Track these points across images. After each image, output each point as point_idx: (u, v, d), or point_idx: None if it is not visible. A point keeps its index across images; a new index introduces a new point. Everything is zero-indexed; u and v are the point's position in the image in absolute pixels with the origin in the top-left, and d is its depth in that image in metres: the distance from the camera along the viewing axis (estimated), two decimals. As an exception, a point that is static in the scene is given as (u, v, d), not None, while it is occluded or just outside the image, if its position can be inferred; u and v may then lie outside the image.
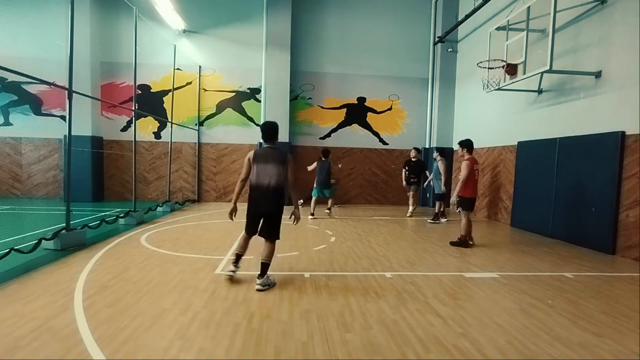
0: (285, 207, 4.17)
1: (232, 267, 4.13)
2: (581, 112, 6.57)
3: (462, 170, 6.03)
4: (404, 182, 9.56)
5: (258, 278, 3.94)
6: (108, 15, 10.81)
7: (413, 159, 9.47)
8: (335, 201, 9.80)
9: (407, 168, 9.48)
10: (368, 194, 11.95)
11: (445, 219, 8.77)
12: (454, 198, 6.11)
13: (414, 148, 9.68)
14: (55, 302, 3.39)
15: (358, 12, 11.60)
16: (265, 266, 3.98)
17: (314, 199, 9.05)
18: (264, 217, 4.04)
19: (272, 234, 4.04)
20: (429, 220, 8.60)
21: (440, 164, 8.50)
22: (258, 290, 3.85)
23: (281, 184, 3.97)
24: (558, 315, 3.40)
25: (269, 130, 4.09)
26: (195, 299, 3.56)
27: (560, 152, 6.95)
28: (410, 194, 9.53)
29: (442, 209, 8.74)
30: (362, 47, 11.68)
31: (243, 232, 4.21)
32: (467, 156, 6.19)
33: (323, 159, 9.22)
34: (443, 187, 8.54)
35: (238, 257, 4.18)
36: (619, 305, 3.68)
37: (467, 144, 6.26)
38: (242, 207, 4.18)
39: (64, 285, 3.84)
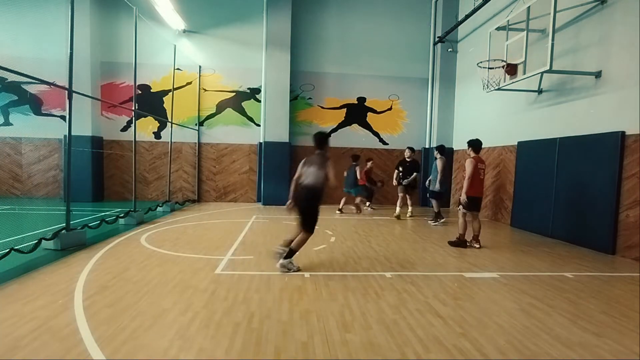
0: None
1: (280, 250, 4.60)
2: (581, 112, 6.57)
3: (466, 168, 6.04)
4: (395, 182, 9.31)
5: (280, 259, 4.54)
6: (108, 15, 10.82)
7: (408, 159, 9.17)
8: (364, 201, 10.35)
9: (400, 169, 9.18)
10: (368, 194, 11.95)
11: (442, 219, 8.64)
12: (463, 197, 6.04)
13: (408, 148, 9.28)
14: (55, 302, 3.39)
15: (358, 12, 11.60)
16: (290, 251, 4.55)
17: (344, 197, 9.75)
18: (301, 211, 4.55)
19: (303, 225, 4.58)
20: (431, 223, 8.45)
21: (438, 162, 8.39)
22: (278, 268, 4.52)
23: (316, 183, 4.50)
24: (558, 315, 3.40)
25: (316, 140, 4.79)
26: (195, 299, 3.56)
27: (560, 152, 6.95)
28: (407, 195, 9.38)
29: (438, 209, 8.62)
30: (362, 47, 11.68)
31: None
32: (472, 155, 6.20)
33: (353, 163, 9.73)
34: (437, 185, 8.25)
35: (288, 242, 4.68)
36: (619, 305, 3.68)
37: (473, 144, 6.24)
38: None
39: (64, 285, 3.85)
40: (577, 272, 4.84)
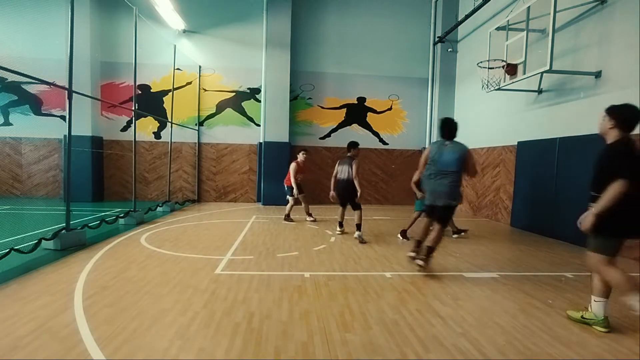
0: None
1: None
2: (581, 112, 6.57)
3: None
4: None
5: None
6: (108, 15, 10.81)
7: None
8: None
9: None
10: (368, 194, 11.92)
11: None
12: None
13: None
14: (55, 302, 3.39)
15: (358, 12, 11.59)
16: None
17: None
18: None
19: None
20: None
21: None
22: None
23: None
24: (558, 315, 3.40)
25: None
26: (195, 299, 3.56)
27: (560, 152, 6.95)
28: None
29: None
30: (362, 47, 11.67)
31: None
32: None
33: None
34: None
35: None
36: (619, 305, 3.68)
37: None
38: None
39: (64, 285, 3.84)
40: (577, 272, 4.84)
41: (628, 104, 3.10)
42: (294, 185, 8.13)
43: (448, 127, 4.53)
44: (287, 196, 8.36)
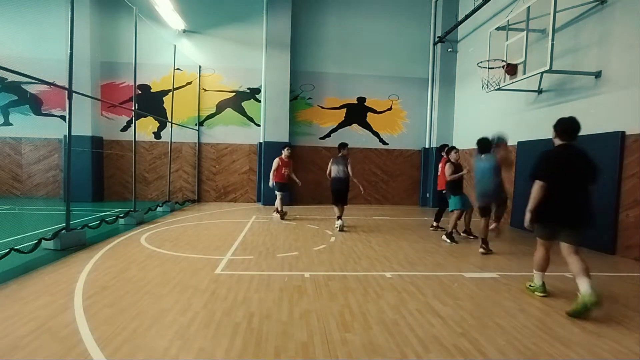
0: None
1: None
2: (581, 112, 6.55)
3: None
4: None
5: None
6: (108, 15, 10.81)
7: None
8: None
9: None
10: (368, 194, 11.89)
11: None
12: None
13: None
14: (55, 302, 3.39)
15: (358, 12, 11.60)
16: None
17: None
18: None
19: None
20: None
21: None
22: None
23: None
24: (558, 315, 3.40)
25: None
26: (195, 299, 3.56)
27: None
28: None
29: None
30: (362, 47, 11.68)
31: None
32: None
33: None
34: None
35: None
36: (619, 305, 3.68)
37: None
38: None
39: (64, 285, 3.85)
40: (577, 272, 4.83)
41: (569, 118, 3.81)
42: (271, 177, 8.66)
43: (479, 144, 5.73)
44: (276, 191, 8.68)
